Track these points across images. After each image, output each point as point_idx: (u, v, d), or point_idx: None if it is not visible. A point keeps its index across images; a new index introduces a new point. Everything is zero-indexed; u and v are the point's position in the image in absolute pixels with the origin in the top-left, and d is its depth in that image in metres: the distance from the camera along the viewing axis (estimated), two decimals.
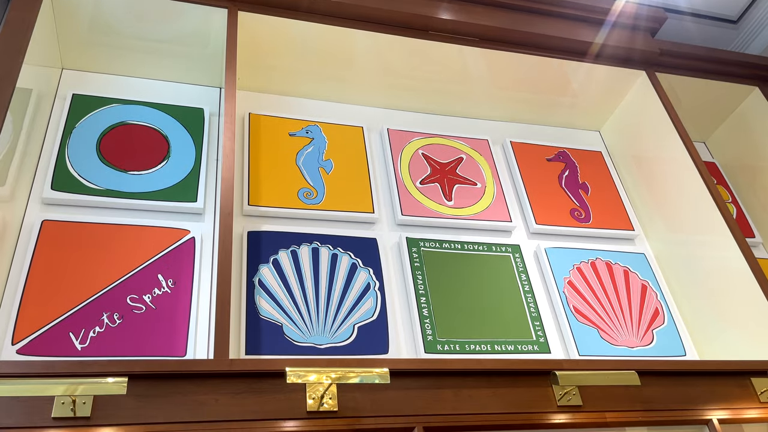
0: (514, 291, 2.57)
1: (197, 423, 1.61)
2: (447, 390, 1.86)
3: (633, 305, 2.67)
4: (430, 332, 2.36)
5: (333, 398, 1.74)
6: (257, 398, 1.69)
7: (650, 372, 2.04)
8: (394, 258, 2.55)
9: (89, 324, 1.99)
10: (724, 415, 2.02)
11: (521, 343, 2.42)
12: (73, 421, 1.52)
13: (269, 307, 2.25)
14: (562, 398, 1.92)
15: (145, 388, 1.62)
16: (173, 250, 2.24)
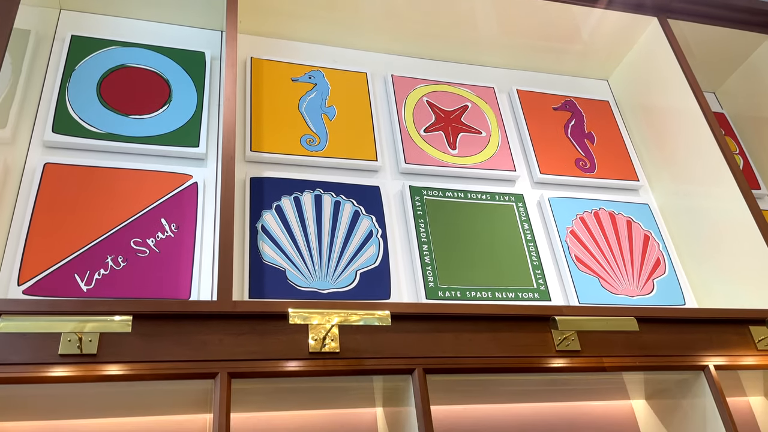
0: (516, 240, 2.57)
1: (201, 362, 1.64)
2: (447, 333, 1.88)
3: (635, 255, 2.67)
4: (431, 279, 2.37)
5: (335, 340, 1.77)
6: (260, 339, 1.72)
7: (649, 319, 2.06)
8: (396, 206, 2.55)
9: (94, 266, 2.01)
10: (721, 361, 2.05)
11: (522, 291, 2.44)
12: (80, 358, 1.55)
13: (272, 253, 2.26)
14: (561, 343, 1.94)
15: (150, 327, 1.64)
16: (176, 195, 2.24)
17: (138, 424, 1.88)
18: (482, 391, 2.04)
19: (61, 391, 1.60)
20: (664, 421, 2.19)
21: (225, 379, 1.62)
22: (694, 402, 2.06)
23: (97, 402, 1.71)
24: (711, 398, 1.99)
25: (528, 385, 2.02)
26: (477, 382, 1.94)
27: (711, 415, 1.99)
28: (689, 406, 2.08)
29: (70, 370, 1.52)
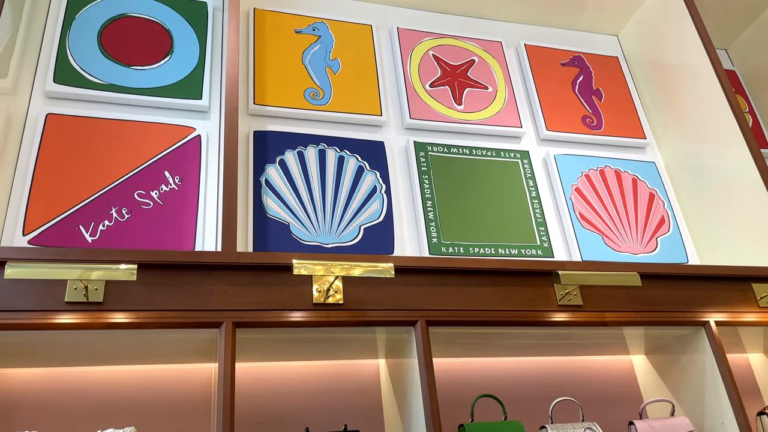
0: (520, 197, 2.56)
1: (206, 311, 1.65)
2: (450, 287, 1.89)
3: (639, 213, 2.67)
4: (435, 235, 2.38)
5: (338, 291, 1.78)
6: (265, 289, 1.73)
7: (651, 275, 2.07)
8: (401, 162, 2.53)
9: (98, 218, 2.01)
10: (722, 317, 2.06)
11: (525, 247, 2.45)
12: (86, 306, 1.56)
13: (276, 207, 2.26)
14: (563, 298, 1.95)
15: (155, 277, 1.65)
16: (179, 148, 2.23)
17: (144, 372, 1.91)
18: (484, 345, 2.06)
19: (68, 338, 1.62)
20: (663, 376, 2.22)
21: (230, 328, 1.64)
22: (694, 357, 2.08)
23: (103, 349, 1.73)
24: (711, 354, 2.01)
25: (529, 338, 2.04)
26: (479, 335, 1.96)
27: (710, 371, 2.02)
28: (688, 362, 2.11)
29: (77, 317, 1.54)
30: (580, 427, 1.91)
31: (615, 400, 2.28)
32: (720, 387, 1.97)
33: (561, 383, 2.26)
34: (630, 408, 2.28)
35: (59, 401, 1.81)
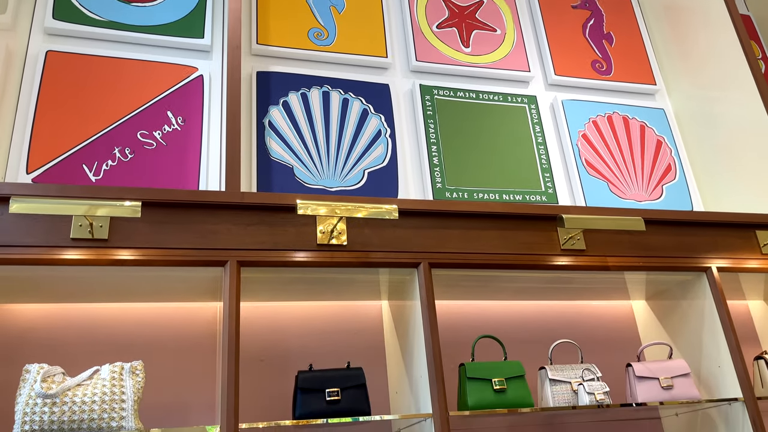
0: (526, 142, 2.54)
1: (210, 250, 1.66)
2: (454, 230, 1.89)
3: (646, 160, 2.64)
4: (439, 180, 2.36)
5: (343, 233, 1.78)
6: (269, 230, 1.73)
7: (655, 221, 2.06)
8: (406, 105, 2.50)
9: (101, 157, 2.00)
10: (724, 264, 2.07)
11: (530, 194, 2.44)
12: (92, 243, 1.57)
13: (280, 149, 2.24)
14: (566, 242, 1.96)
15: (160, 215, 1.65)
16: (181, 88, 2.19)
17: (152, 310, 1.93)
18: (486, 288, 2.08)
19: (75, 274, 1.63)
20: (663, 321, 2.24)
21: (234, 267, 1.65)
22: (694, 303, 2.10)
23: (109, 286, 1.75)
24: (711, 300, 2.03)
25: (531, 282, 2.06)
26: (481, 277, 1.98)
27: (709, 316, 2.03)
28: (688, 307, 2.12)
29: (82, 253, 1.55)
30: (579, 368, 1.94)
31: (614, 343, 2.32)
32: (719, 332, 1.99)
33: (561, 327, 2.29)
34: (628, 351, 2.31)
35: (68, 336, 1.84)
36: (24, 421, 1.41)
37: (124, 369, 1.57)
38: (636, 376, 1.95)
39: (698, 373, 2.06)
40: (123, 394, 1.52)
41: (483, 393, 1.78)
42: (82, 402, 1.46)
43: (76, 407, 1.45)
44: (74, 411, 1.45)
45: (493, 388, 1.79)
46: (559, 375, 1.91)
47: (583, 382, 1.87)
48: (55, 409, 1.44)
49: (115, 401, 1.49)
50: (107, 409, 1.47)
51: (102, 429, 1.46)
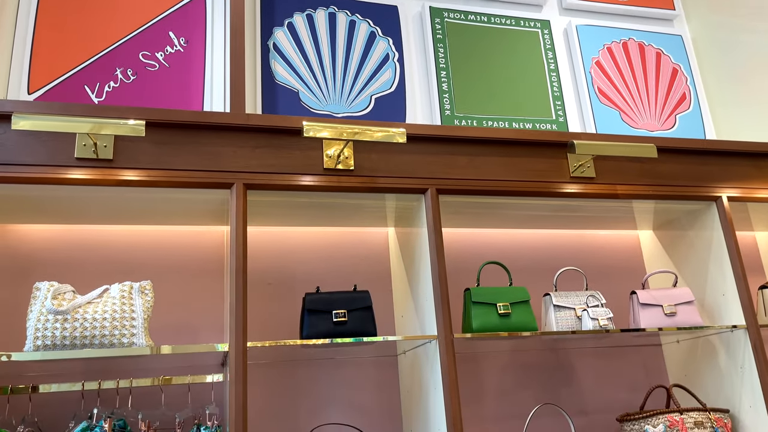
0: (538, 69, 2.47)
1: (216, 172, 1.64)
2: (462, 157, 1.87)
3: (660, 89, 2.58)
4: (448, 106, 2.32)
5: (349, 158, 1.76)
6: (275, 152, 1.71)
7: (667, 149, 2.03)
8: (415, 28, 2.42)
9: (103, 78, 1.96)
10: (734, 193, 2.05)
11: (540, 122, 2.39)
12: (96, 163, 1.56)
13: (285, 73, 2.19)
14: (576, 170, 1.93)
15: (164, 135, 1.63)
16: (183, 7, 2.12)
17: (158, 233, 1.94)
18: (493, 215, 2.07)
19: (80, 195, 1.63)
20: (669, 251, 2.24)
21: (241, 189, 1.64)
22: (701, 234, 2.09)
23: (116, 208, 1.75)
24: (719, 230, 2.01)
25: (539, 210, 2.04)
26: (489, 205, 1.96)
27: (716, 246, 2.03)
28: (695, 237, 2.12)
29: (87, 173, 1.54)
30: (583, 295, 1.96)
31: (619, 272, 2.33)
32: (725, 261, 1.99)
33: (567, 256, 2.30)
34: (633, 280, 2.33)
35: (76, 257, 1.86)
36: (36, 336, 1.44)
37: (134, 288, 1.58)
38: (640, 303, 1.96)
39: (702, 301, 2.08)
40: (133, 312, 1.54)
41: (487, 317, 1.81)
42: (93, 319, 1.49)
43: (87, 323, 1.48)
44: (86, 327, 1.47)
45: (498, 313, 1.81)
46: (564, 301, 1.92)
47: (588, 308, 1.89)
48: (67, 325, 1.46)
49: (126, 319, 1.52)
50: (118, 326, 1.50)
51: (113, 345, 1.48)
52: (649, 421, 1.81)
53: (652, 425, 1.80)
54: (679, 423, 1.79)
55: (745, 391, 1.91)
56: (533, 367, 2.13)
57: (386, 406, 1.96)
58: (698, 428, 1.80)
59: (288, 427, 1.87)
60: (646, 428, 1.81)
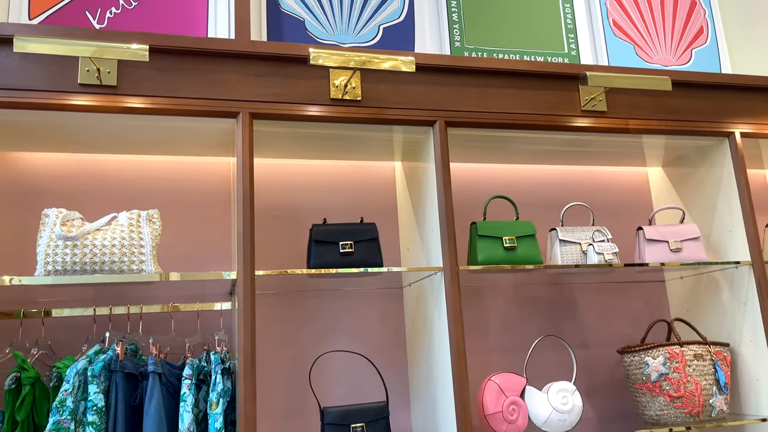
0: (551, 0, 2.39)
1: (222, 101, 1.62)
2: (472, 88, 1.83)
3: (677, 22, 2.50)
4: (458, 38, 2.26)
5: (357, 87, 1.73)
6: (281, 81, 1.68)
7: (681, 83, 1.98)
8: None
9: (105, 4, 1.91)
10: (748, 129, 2.01)
11: (552, 55, 2.33)
12: (100, 89, 1.53)
13: (291, 1, 2.13)
14: (587, 103, 1.89)
15: (168, 62, 1.60)
16: None
17: (165, 164, 1.93)
18: (502, 150, 2.05)
19: (84, 122, 1.61)
20: (677, 188, 2.23)
21: (246, 118, 1.62)
22: (711, 171, 2.07)
23: (121, 136, 1.74)
24: (729, 167, 1.99)
25: (548, 144, 2.02)
26: (498, 138, 1.94)
27: (726, 183, 2.01)
28: (705, 174, 2.10)
29: (91, 99, 1.52)
30: (590, 230, 1.96)
31: (626, 209, 2.32)
32: (734, 198, 1.98)
33: (575, 192, 2.29)
34: (640, 217, 2.33)
35: (83, 186, 1.86)
36: (47, 262, 1.46)
37: (141, 216, 1.59)
38: (646, 238, 1.96)
39: (708, 238, 2.08)
40: (141, 240, 1.55)
41: (493, 250, 1.81)
42: (102, 245, 1.50)
43: (96, 250, 1.49)
44: (95, 254, 1.49)
45: (504, 246, 1.82)
46: (570, 236, 1.93)
47: (593, 243, 1.89)
48: (77, 251, 1.47)
49: (134, 246, 1.53)
50: (127, 252, 1.51)
51: (123, 272, 1.50)
52: (650, 353, 1.84)
53: (652, 357, 1.84)
54: (679, 355, 1.83)
55: (746, 326, 1.93)
56: (537, 301, 2.15)
57: (391, 337, 2.00)
58: (698, 360, 1.84)
59: (295, 354, 1.91)
60: (646, 360, 1.84)
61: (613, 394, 2.13)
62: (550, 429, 1.74)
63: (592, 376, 2.13)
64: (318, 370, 1.92)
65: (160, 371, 1.51)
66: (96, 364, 1.47)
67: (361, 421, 1.59)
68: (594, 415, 2.10)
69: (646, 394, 1.85)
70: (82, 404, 1.43)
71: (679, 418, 1.80)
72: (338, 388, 1.92)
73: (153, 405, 1.47)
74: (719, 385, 1.83)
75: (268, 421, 1.85)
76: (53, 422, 1.38)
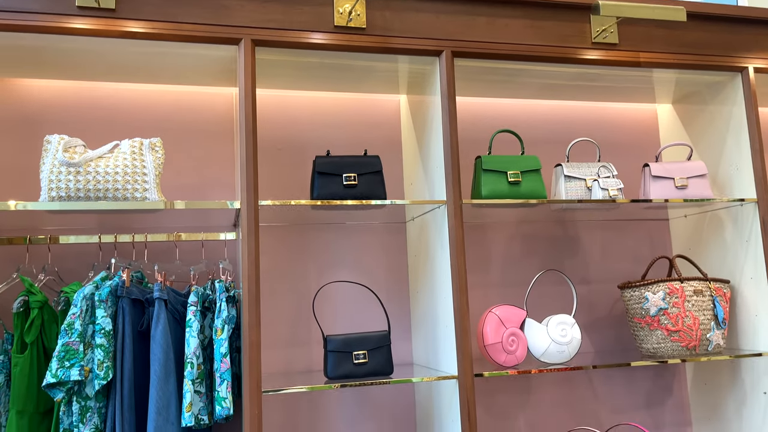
0: None
1: (223, 26, 1.58)
2: (481, 17, 1.78)
3: None
4: None
5: (362, 14, 1.68)
6: (284, 8, 1.63)
7: (696, 14, 1.92)
8: None
9: None
10: (762, 65, 1.96)
11: None
12: (98, 12, 1.49)
13: None
14: (599, 35, 1.84)
15: None
16: None
17: (167, 94, 1.91)
18: (510, 83, 2.01)
19: (83, 46, 1.58)
20: (686, 125, 2.19)
21: (249, 45, 1.58)
22: (722, 108, 2.03)
23: (122, 64, 1.70)
24: (740, 104, 1.95)
25: (557, 78, 1.98)
26: (506, 71, 1.90)
27: (736, 120, 1.98)
28: (715, 112, 2.06)
29: (90, 23, 1.48)
30: (595, 166, 1.94)
31: (634, 146, 2.30)
32: (743, 135, 1.95)
33: (582, 128, 2.26)
34: (648, 154, 2.30)
35: (85, 114, 1.84)
36: (50, 188, 1.46)
37: (144, 144, 1.58)
38: (652, 175, 1.95)
39: (714, 176, 2.06)
40: (144, 168, 1.54)
41: (497, 184, 1.80)
42: (105, 173, 1.49)
43: (100, 177, 1.49)
44: (98, 180, 1.48)
45: (508, 180, 1.81)
46: (575, 172, 1.91)
47: (599, 179, 1.88)
48: (80, 178, 1.47)
49: (137, 174, 1.53)
50: (130, 180, 1.51)
51: (126, 199, 1.50)
52: (650, 288, 1.86)
53: (652, 292, 1.85)
54: (679, 291, 1.84)
55: (747, 264, 1.94)
56: (539, 238, 2.16)
57: (394, 271, 2.02)
58: (697, 296, 1.85)
59: (299, 286, 1.94)
60: (646, 295, 1.86)
61: (611, 329, 2.17)
62: (548, 360, 1.77)
63: (591, 311, 2.16)
64: (321, 302, 1.95)
65: (165, 298, 1.54)
66: (103, 289, 1.49)
67: (363, 349, 1.62)
68: (592, 349, 2.14)
69: (645, 329, 1.87)
70: (90, 327, 1.46)
71: (676, 352, 1.83)
72: (341, 320, 1.96)
73: (159, 330, 1.50)
74: (717, 320, 1.86)
75: (272, 351, 1.89)
76: (62, 344, 1.41)
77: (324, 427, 1.89)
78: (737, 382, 1.97)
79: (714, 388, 2.06)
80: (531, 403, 2.07)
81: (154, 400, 1.45)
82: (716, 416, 2.06)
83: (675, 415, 2.17)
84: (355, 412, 1.92)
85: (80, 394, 1.43)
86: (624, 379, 2.15)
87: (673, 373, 2.20)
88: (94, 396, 1.44)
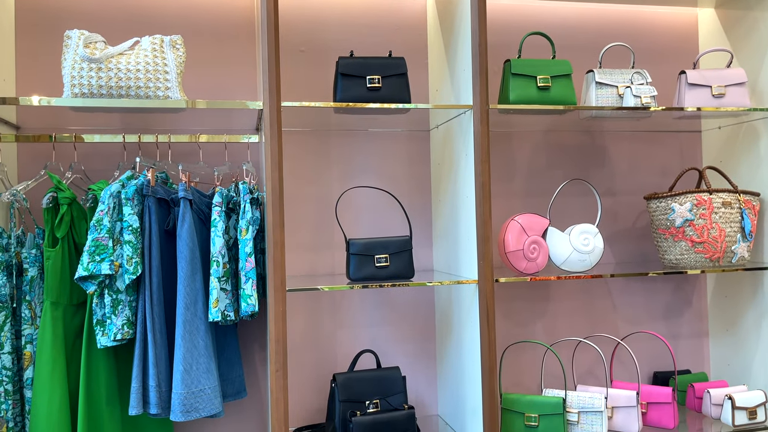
0: None
1: None
2: None
3: None
4: None
5: None
6: None
7: None
8: None
9: None
10: None
11: None
12: None
13: None
14: None
15: None
16: None
17: None
18: None
19: None
20: (728, 32, 2.08)
21: None
22: (766, 15, 1.91)
23: None
24: None
25: None
26: None
27: None
28: (760, 18, 1.94)
29: None
30: (629, 72, 1.86)
31: (671, 52, 2.19)
32: None
33: (617, 34, 2.15)
34: (685, 61, 2.20)
35: (106, 11, 1.80)
36: (73, 84, 1.45)
37: (164, 41, 1.55)
38: (688, 83, 1.87)
39: (754, 85, 1.97)
40: (166, 66, 1.52)
41: (526, 89, 1.75)
42: (127, 69, 1.47)
43: (121, 74, 1.47)
44: (120, 78, 1.47)
45: (537, 85, 1.75)
46: (607, 78, 1.84)
47: (632, 86, 1.81)
48: (102, 74, 1.45)
49: (159, 72, 1.50)
50: (152, 78, 1.49)
51: (149, 97, 1.49)
52: (677, 199, 1.83)
53: (679, 203, 1.82)
54: (707, 202, 1.81)
55: None
56: (566, 148, 2.12)
57: (417, 178, 2.01)
58: (725, 208, 1.82)
59: (322, 192, 1.94)
60: (672, 206, 1.83)
61: (634, 242, 2.16)
62: (569, 268, 1.78)
63: (615, 222, 2.14)
64: (344, 207, 1.96)
65: (190, 198, 1.55)
66: (129, 188, 1.50)
67: (385, 252, 1.64)
68: (613, 260, 2.14)
69: (669, 239, 1.86)
70: (118, 225, 1.49)
71: (699, 263, 1.82)
72: (363, 226, 1.97)
73: (185, 228, 1.52)
74: (744, 232, 1.83)
75: (295, 254, 1.92)
76: (92, 239, 1.44)
77: (347, 327, 1.95)
78: (758, 295, 1.96)
79: (734, 301, 2.07)
80: (549, 311, 2.10)
81: (182, 296, 1.50)
82: (734, 328, 2.07)
83: (692, 327, 2.19)
84: (376, 315, 1.97)
85: (111, 287, 1.48)
86: (643, 290, 2.16)
87: (693, 285, 2.20)
88: (124, 290, 1.49)
